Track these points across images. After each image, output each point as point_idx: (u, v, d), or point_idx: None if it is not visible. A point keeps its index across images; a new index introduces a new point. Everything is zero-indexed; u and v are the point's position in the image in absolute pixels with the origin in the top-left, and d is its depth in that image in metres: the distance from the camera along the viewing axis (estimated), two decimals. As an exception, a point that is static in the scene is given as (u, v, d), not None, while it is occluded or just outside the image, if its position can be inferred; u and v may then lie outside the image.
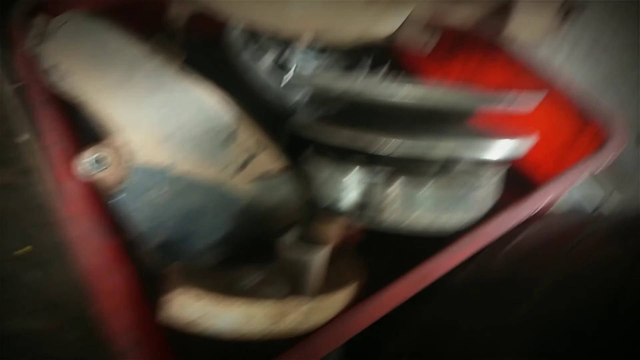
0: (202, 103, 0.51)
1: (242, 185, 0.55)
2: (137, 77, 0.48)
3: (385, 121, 0.53)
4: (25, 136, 0.88)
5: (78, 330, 0.77)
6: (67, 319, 0.77)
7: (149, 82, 0.49)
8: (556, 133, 0.67)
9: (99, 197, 0.52)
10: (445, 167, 0.56)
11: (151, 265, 0.54)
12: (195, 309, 0.41)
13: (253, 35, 0.64)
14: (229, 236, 0.56)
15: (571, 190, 0.58)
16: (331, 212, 0.55)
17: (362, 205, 0.53)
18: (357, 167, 0.52)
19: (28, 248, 0.82)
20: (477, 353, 0.51)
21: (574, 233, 0.55)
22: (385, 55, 0.77)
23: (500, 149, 0.50)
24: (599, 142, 0.61)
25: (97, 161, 0.49)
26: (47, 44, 0.47)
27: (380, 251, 0.61)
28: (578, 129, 0.65)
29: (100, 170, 0.49)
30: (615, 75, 0.98)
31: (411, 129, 0.51)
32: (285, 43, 0.66)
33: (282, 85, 0.58)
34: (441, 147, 0.48)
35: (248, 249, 0.58)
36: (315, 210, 0.56)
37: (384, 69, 0.74)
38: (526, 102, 0.53)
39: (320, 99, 0.62)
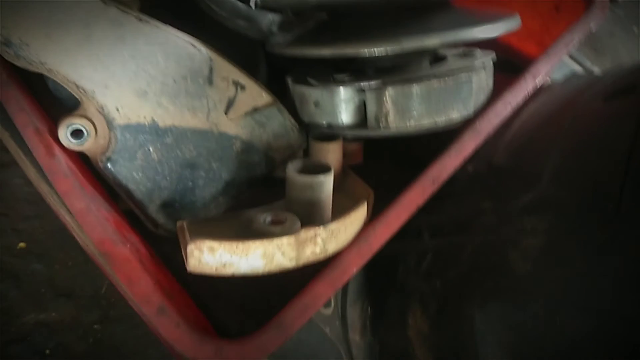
0: (169, 49, 0.48)
1: (232, 126, 0.52)
2: (96, 35, 0.45)
3: (364, 29, 0.51)
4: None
5: (95, 311, 0.76)
6: (81, 303, 0.77)
7: (108, 37, 0.45)
8: (534, 10, 0.66)
9: (87, 169, 0.50)
10: (434, 65, 0.55)
11: (156, 229, 0.52)
12: (212, 260, 0.41)
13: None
14: (230, 183, 0.54)
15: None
16: (327, 135, 0.53)
17: (358, 122, 0.51)
18: (345, 84, 0.50)
19: (22, 245, 0.80)
20: (496, 246, 0.51)
21: (574, 100, 0.54)
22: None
23: (486, 30, 0.49)
24: (580, 11, 0.59)
25: (75, 134, 0.46)
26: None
27: (381, 161, 0.60)
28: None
29: (81, 143, 0.47)
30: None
31: (393, 30, 0.49)
32: None
33: (253, 6, 0.55)
34: (426, 41, 0.47)
35: (251, 193, 0.57)
36: (311, 137, 0.54)
37: None
38: None
39: (293, 19, 0.59)
